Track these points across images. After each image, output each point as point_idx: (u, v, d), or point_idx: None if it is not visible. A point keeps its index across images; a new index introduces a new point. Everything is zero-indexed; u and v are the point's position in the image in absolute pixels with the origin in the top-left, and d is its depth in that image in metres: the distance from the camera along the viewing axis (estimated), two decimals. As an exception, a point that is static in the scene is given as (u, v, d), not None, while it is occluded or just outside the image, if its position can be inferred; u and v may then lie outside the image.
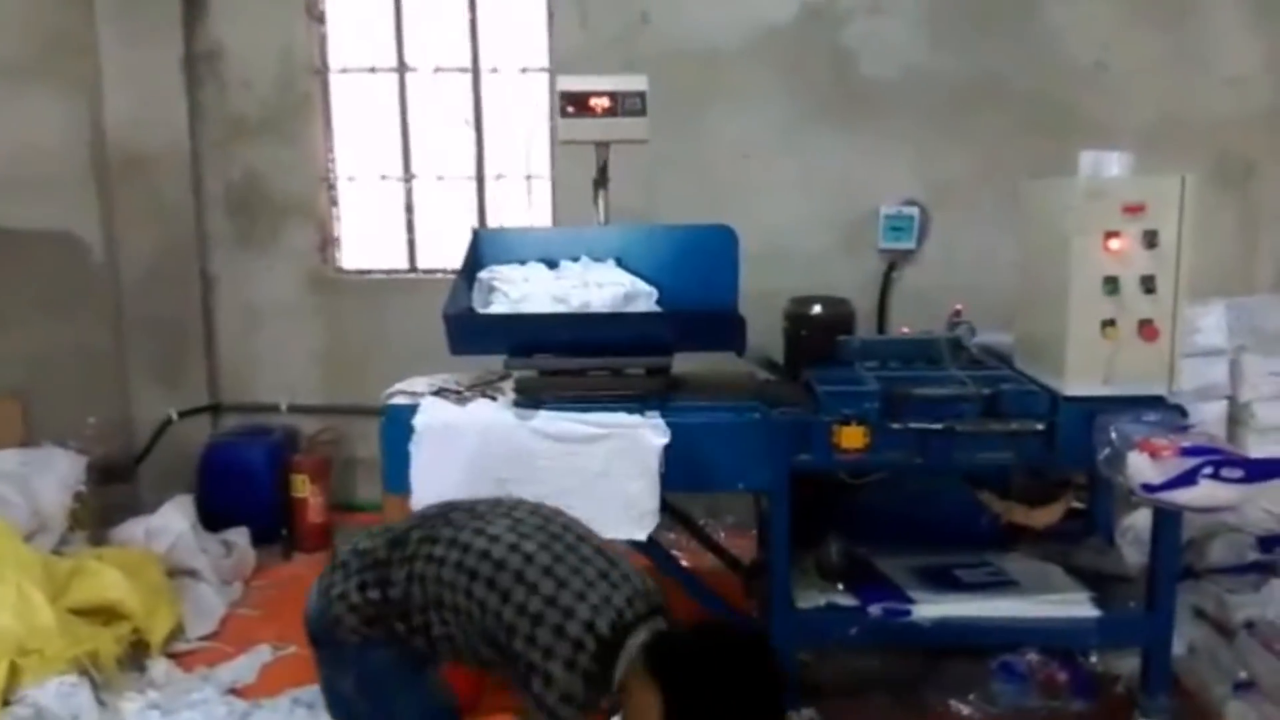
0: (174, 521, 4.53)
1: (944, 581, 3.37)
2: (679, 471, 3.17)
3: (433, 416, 3.25)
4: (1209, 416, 4.11)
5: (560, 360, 3.31)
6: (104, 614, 3.80)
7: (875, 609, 3.23)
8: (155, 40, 5.27)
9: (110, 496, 4.98)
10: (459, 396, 3.38)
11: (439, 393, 3.40)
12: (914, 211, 5.11)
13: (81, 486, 4.54)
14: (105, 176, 5.25)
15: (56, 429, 4.96)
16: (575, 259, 3.64)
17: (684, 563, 4.16)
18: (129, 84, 5.22)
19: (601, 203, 3.91)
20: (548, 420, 3.20)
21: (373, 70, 5.53)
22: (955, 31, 5.05)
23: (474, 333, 3.32)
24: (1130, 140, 4.26)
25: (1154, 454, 2.69)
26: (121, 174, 5.26)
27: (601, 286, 3.48)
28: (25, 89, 5.03)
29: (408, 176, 5.60)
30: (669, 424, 3.17)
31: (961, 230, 5.09)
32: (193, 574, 4.42)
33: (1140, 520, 3.73)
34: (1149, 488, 2.71)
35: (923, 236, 5.14)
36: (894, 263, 5.17)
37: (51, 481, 4.37)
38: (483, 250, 3.66)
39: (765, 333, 3.71)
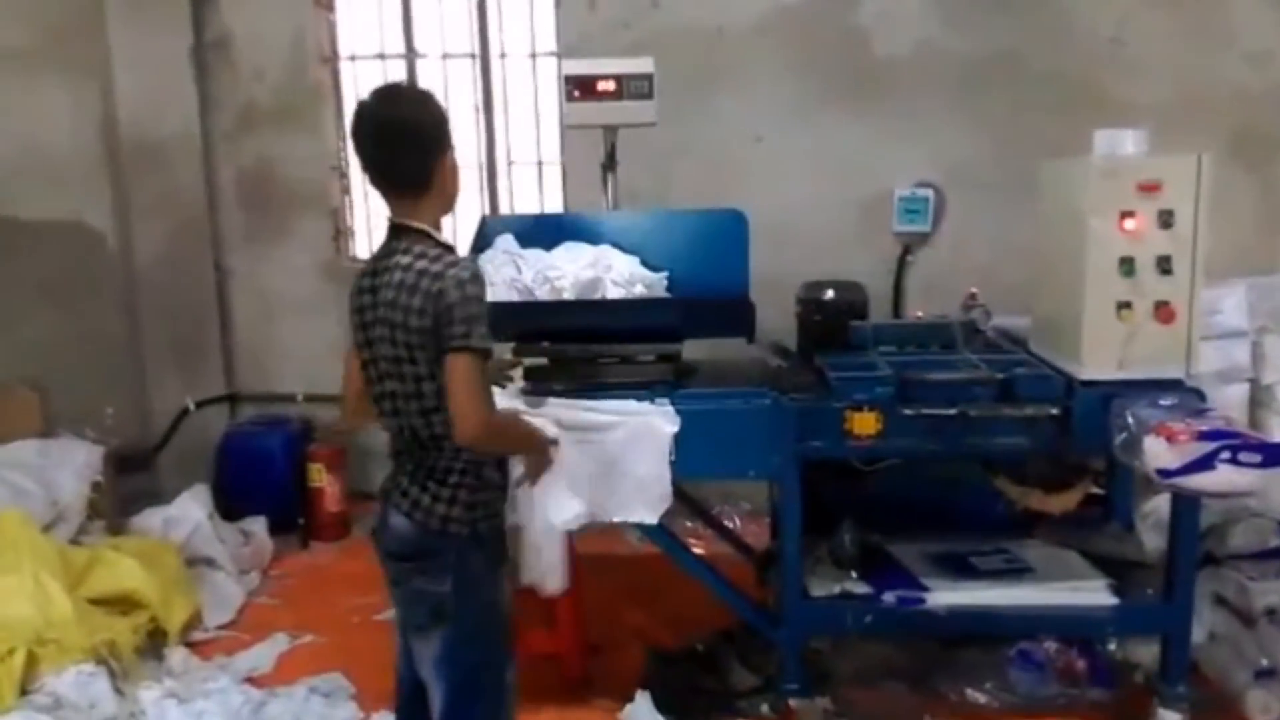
0: (191, 511, 4.57)
1: (959, 569, 3.34)
2: (690, 459, 3.14)
3: (441, 405, 3.23)
4: (1231, 399, 4.05)
5: (569, 347, 3.29)
6: (122, 603, 3.84)
7: (889, 597, 3.20)
8: (165, 28, 5.29)
9: (129, 486, 5.03)
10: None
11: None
12: (928, 193, 5.04)
13: (99, 476, 4.58)
14: (117, 165, 5.27)
15: (74, 419, 5.00)
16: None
17: (698, 550, 4.15)
18: (139, 72, 5.24)
19: (610, 187, 3.88)
20: (556, 408, 3.18)
21: (382, 57, 5.51)
22: (969, 9, 4.97)
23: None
24: (1148, 117, 4.16)
25: (1170, 438, 2.64)
26: (133, 163, 5.28)
27: (611, 268, 3.46)
28: (36, 77, 5.04)
29: (419, 163, 5.57)
30: (679, 411, 3.14)
31: (977, 212, 5.02)
32: (210, 563, 4.45)
33: (1161, 505, 3.67)
34: (1165, 473, 2.66)
35: (938, 219, 5.08)
36: (908, 246, 5.11)
37: (69, 472, 4.41)
38: (491, 236, 3.64)
39: (777, 317, 3.67)
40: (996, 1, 4.96)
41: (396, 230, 2.36)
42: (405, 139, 2.31)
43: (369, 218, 5.64)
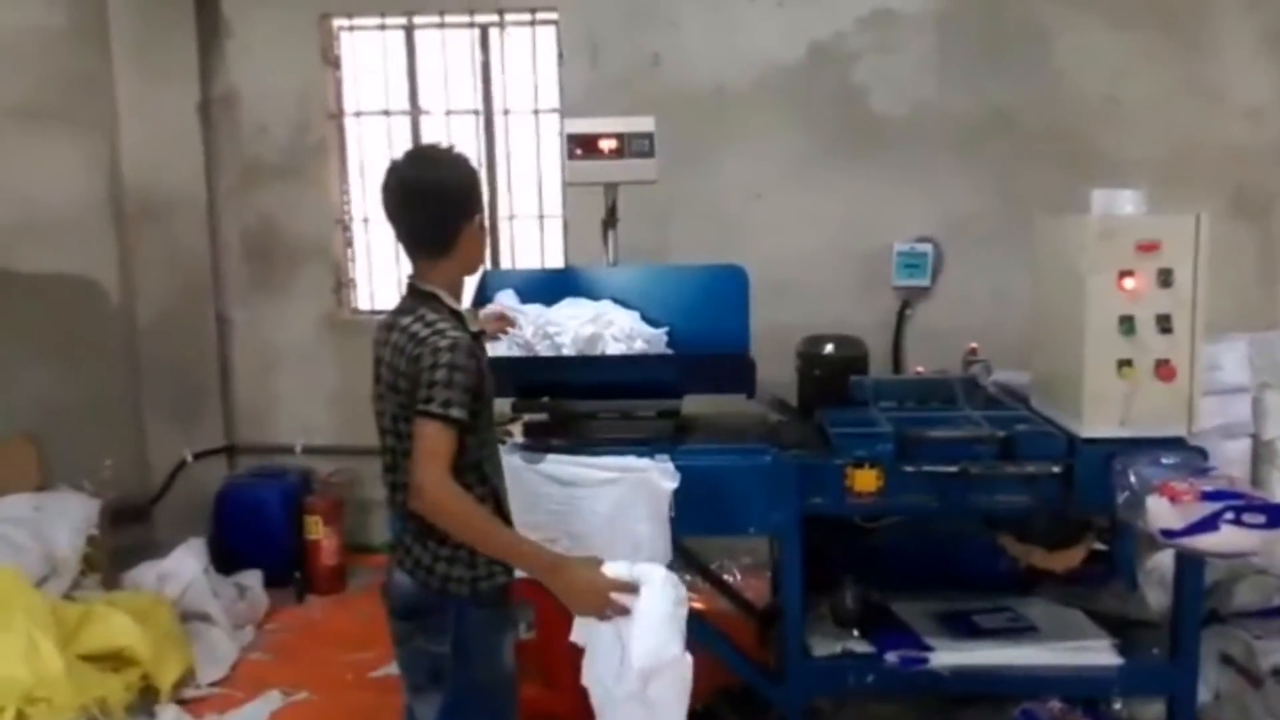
0: (187, 566, 4.53)
1: (963, 627, 3.30)
2: (690, 515, 3.12)
3: (440, 461, 3.22)
4: (1232, 455, 4.03)
5: (569, 403, 3.28)
6: (114, 660, 3.80)
7: (892, 657, 3.16)
8: (172, 84, 5.36)
9: (126, 538, 5.00)
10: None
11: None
12: (928, 248, 5.07)
13: (94, 530, 4.55)
14: (122, 220, 5.31)
15: (72, 471, 4.98)
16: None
17: (697, 606, 4.10)
18: (146, 128, 5.30)
19: (611, 243, 3.90)
20: (556, 463, 3.17)
21: (387, 113, 5.58)
22: (965, 68, 5.04)
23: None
24: (1145, 174, 4.21)
25: (1174, 498, 2.63)
26: (138, 218, 5.32)
27: (612, 324, 3.46)
28: (42, 132, 5.09)
29: (422, 217, 5.61)
30: (679, 467, 3.12)
31: (976, 267, 5.04)
32: (205, 618, 4.41)
33: (1164, 561, 3.64)
34: (1169, 533, 2.64)
35: (937, 273, 5.10)
36: (908, 300, 5.13)
37: (64, 525, 4.38)
38: (492, 291, 3.65)
39: (778, 371, 3.67)
40: (992, 60, 5.03)
41: (411, 290, 2.39)
42: (427, 201, 2.33)
43: (370, 269, 5.67)
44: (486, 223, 2.50)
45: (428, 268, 2.37)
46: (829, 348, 3.65)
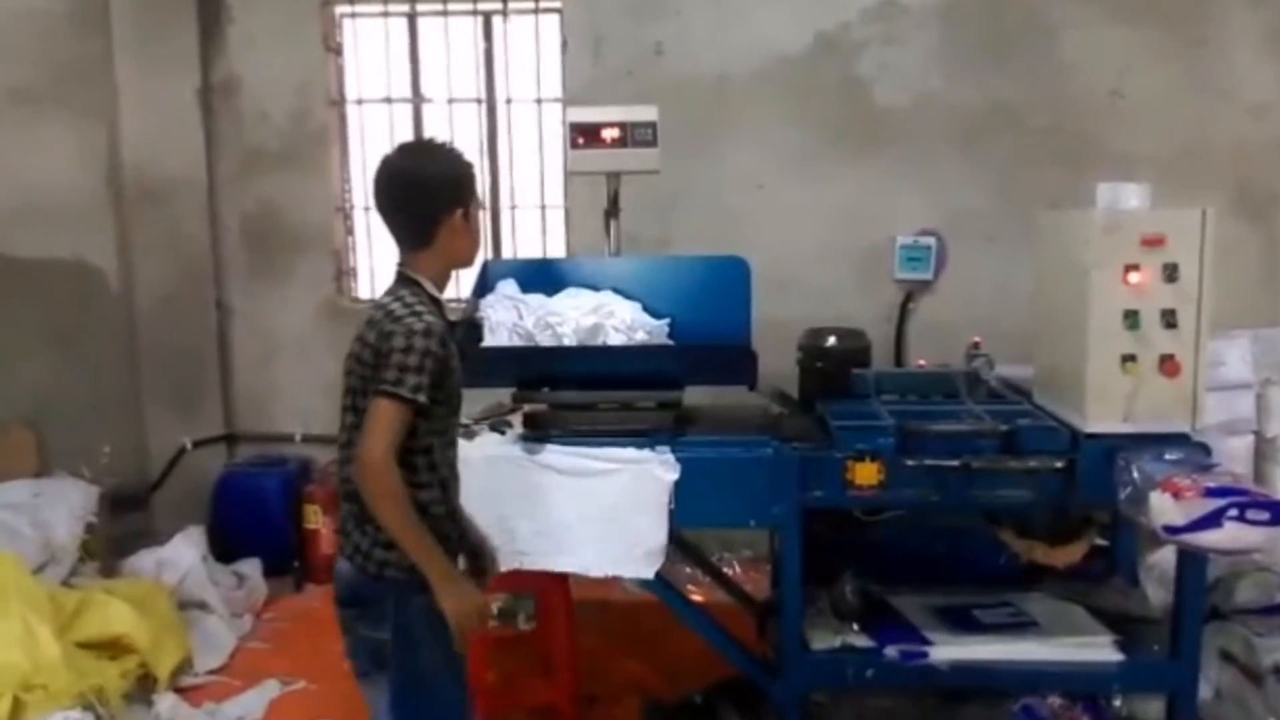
0: (185, 554, 4.53)
1: (962, 622, 3.28)
2: (689, 507, 3.11)
3: (439, 451, 3.20)
4: (1235, 451, 4.02)
5: (569, 394, 3.27)
6: (111, 647, 3.79)
7: (891, 651, 3.14)
8: (172, 71, 5.33)
9: (124, 525, 4.99)
10: (466, 430, 3.34)
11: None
12: (931, 241, 5.05)
13: (93, 517, 4.54)
14: (121, 206, 5.28)
15: (71, 458, 4.97)
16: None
17: (697, 598, 4.10)
18: (146, 114, 5.27)
19: (613, 233, 3.88)
20: (555, 455, 3.15)
21: (389, 101, 5.55)
22: (969, 61, 5.02)
23: (482, 365, 3.28)
24: (1149, 169, 4.20)
25: (1177, 495, 2.61)
26: (137, 204, 5.29)
27: (613, 315, 3.45)
28: (42, 118, 5.07)
29: (423, 206, 5.59)
30: (679, 459, 3.10)
31: (979, 260, 5.03)
32: (203, 606, 4.41)
33: (1165, 557, 3.63)
34: (1172, 529, 2.63)
35: (940, 267, 5.08)
36: (911, 293, 5.11)
37: (63, 512, 4.37)
38: (493, 280, 3.63)
39: (779, 364, 3.65)
40: (996, 53, 5.01)
41: (398, 276, 2.42)
42: (407, 192, 2.37)
43: (371, 258, 5.65)
44: (480, 216, 2.50)
45: (412, 257, 2.41)
46: (831, 340, 3.62)
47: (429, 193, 2.37)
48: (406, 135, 5.53)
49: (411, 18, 5.49)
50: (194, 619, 4.29)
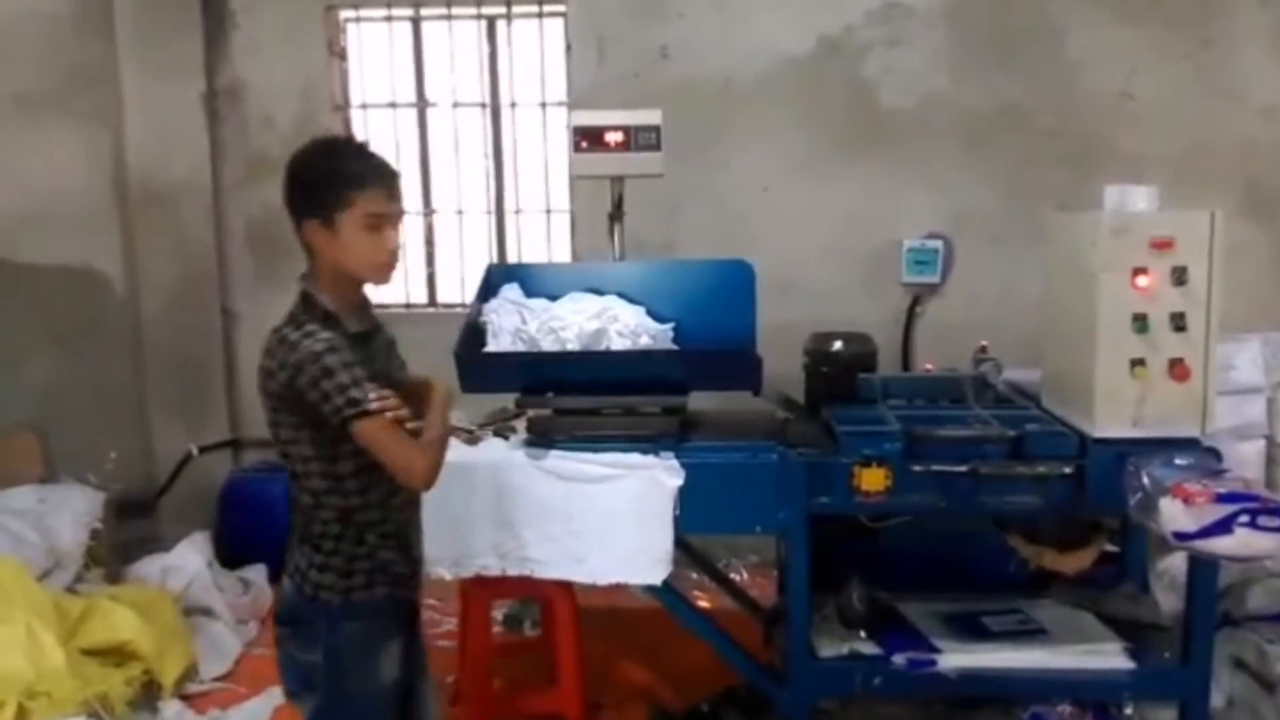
0: (190, 560, 4.51)
1: (971, 629, 3.26)
2: (694, 513, 3.08)
3: (442, 457, 3.18)
4: (1246, 456, 3.99)
5: (573, 399, 3.25)
6: (116, 654, 3.77)
7: (899, 658, 3.12)
8: (177, 76, 5.32)
9: (129, 531, 4.98)
10: (470, 436, 3.32)
11: (451, 432, 3.34)
12: (938, 244, 5.02)
13: (98, 523, 4.53)
14: (126, 211, 5.29)
15: (76, 463, 4.97)
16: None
17: (703, 604, 4.08)
18: (151, 119, 5.26)
19: (617, 237, 3.86)
20: (559, 460, 3.14)
21: (393, 106, 5.54)
22: (975, 63, 4.99)
23: (485, 371, 3.27)
24: (1157, 171, 4.17)
25: (1187, 500, 2.58)
26: (142, 209, 5.29)
27: (617, 319, 3.43)
28: (47, 123, 5.07)
29: (427, 211, 5.59)
30: (684, 464, 3.08)
31: (987, 264, 5.00)
32: (208, 613, 4.39)
33: (1176, 563, 3.59)
34: (1182, 536, 2.60)
35: (947, 270, 5.05)
36: (917, 297, 5.08)
37: (68, 518, 4.37)
38: (496, 285, 3.61)
39: (784, 368, 3.62)
40: (1003, 54, 4.98)
41: (298, 289, 2.33)
42: (286, 189, 2.29)
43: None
44: (384, 225, 2.26)
45: (309, 266, 2.31)
46: (837, 345, 3.60)
47: (289, 198, 2.27)
48: (411, 140, 5.53)
49: (415, 21, 5.48)
50: (199, 625, 4.27)
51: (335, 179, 2.22)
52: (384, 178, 2.27)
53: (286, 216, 2.34)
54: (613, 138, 3.65)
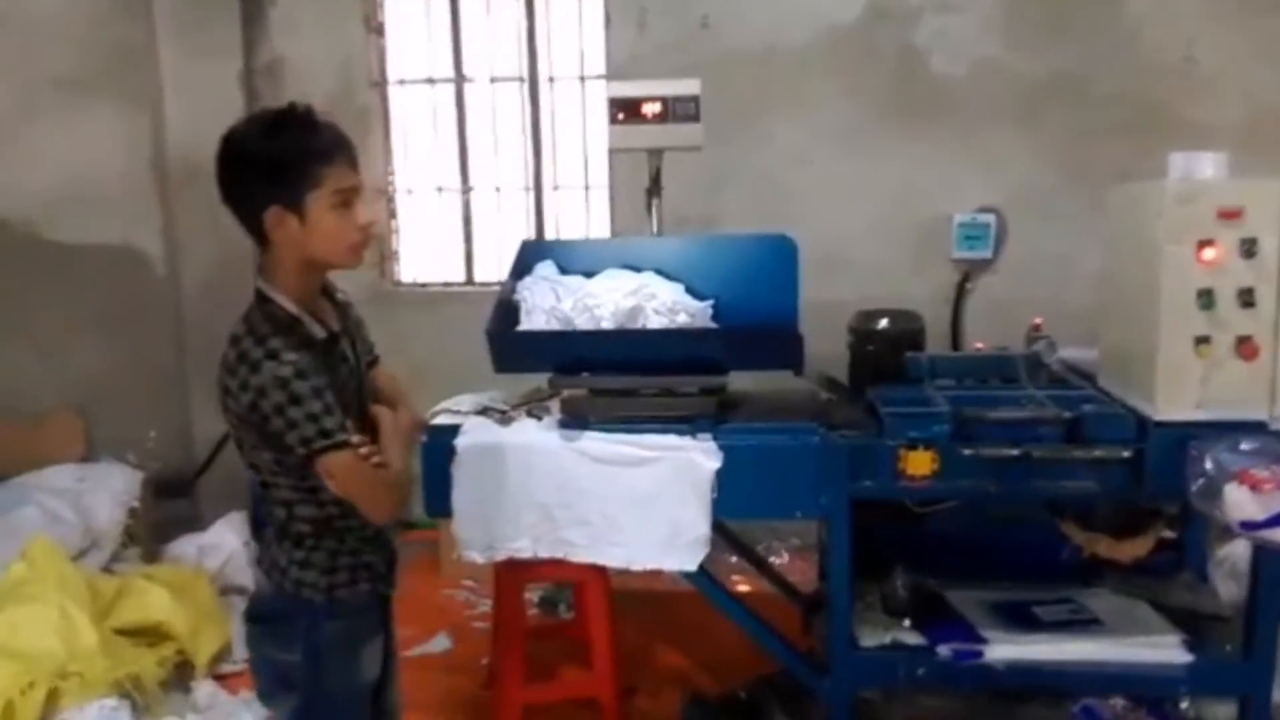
0: (227, 539, 4.51)
1: (1020, 619, 3.13)
2: (732, 497, 2.98)
3: (474, 438, 3.12)
4: (1316, 439, 3.78)
5: (608, 379, 3.15)
6: (150, 634, 3.77)
7: (945, 649, 3.00)
8: (216, 54, 5.30)
9: (168, 511, 5.01)
10: (503, 416, 3.25)
11: (483, 412, 3.27)
12: (990, 218, 4.86)
13: (136, 502, 4.55)
14: (166, 190, 5.29)
15: (117, 443, 5.00)
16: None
17: (741, 588, 3.99)
18: (190, 98, 5.25)
19: (655, 212, 3.75)
20: (593, 442, 3.05)
21: (431, 81, 5.48)
22: (1031, 28, 4.80)
23: (518, 350, 3.19)
24: (1222, 139, 3.94)
25: (1255, 487, 2.44)
26: (182, 188, 5.28)
27: (654, 297, 3.32)
28: (86, 103, 5.08)
29: (465, 188, 5.53)
30: (722, 446, 2.98)
31: (1041, 238, 4.83)
32: (243, 592, 4.37)
33: (1237, 551, 3.45)
34: (1249, 525, 2.46)
35: (999, 245, 4.89)
36: (968, 273, 4.93)
37: (105, 498, 4.39)
38: (531, 262, 3.53)
39: (828, 347, 3.51)
40: (1060, 20, 4.79)
41: (255, 290, 2.11)
42: (227, 174, 2.03)
43: (415, 241, 5.59)
44: (357, 203, 2.08)
45: (262, 260, 2.10)
46: (883, 322, 3.47)
47: (239, 186, 2.01)
48: (449, 116, 5.46)
49: (453, -5, 5.41)
50: (234, 605, 4.26)
51: (300, 156, 1.99)
52: (346, 147, 2.07)
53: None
54: (650, 109, 3.53)
